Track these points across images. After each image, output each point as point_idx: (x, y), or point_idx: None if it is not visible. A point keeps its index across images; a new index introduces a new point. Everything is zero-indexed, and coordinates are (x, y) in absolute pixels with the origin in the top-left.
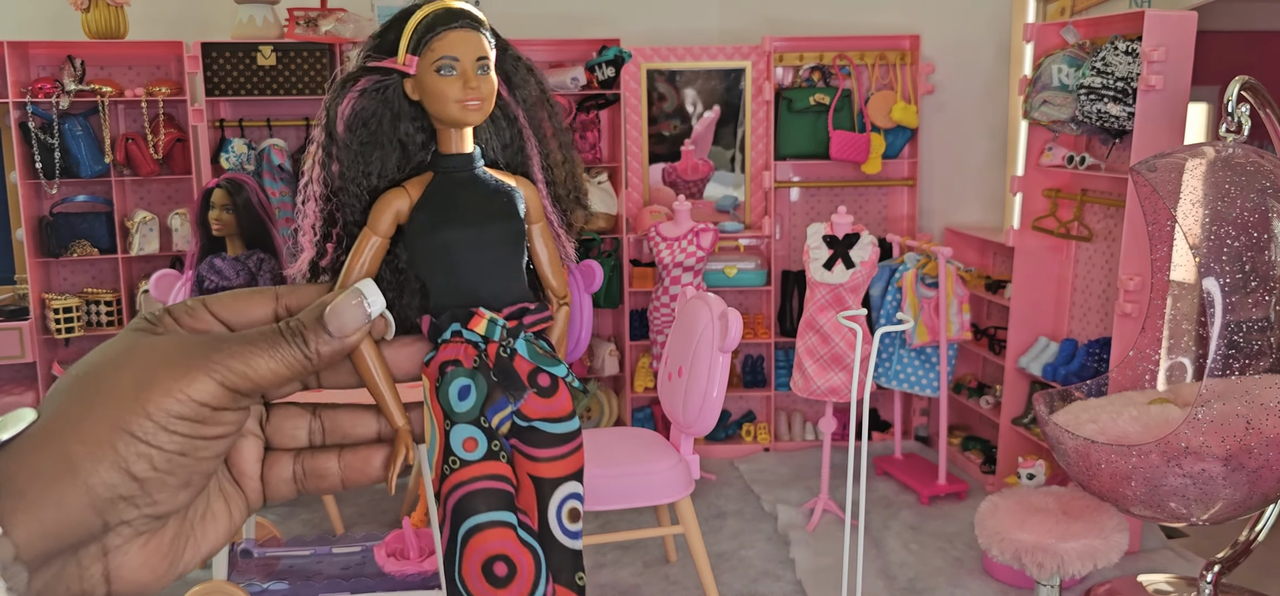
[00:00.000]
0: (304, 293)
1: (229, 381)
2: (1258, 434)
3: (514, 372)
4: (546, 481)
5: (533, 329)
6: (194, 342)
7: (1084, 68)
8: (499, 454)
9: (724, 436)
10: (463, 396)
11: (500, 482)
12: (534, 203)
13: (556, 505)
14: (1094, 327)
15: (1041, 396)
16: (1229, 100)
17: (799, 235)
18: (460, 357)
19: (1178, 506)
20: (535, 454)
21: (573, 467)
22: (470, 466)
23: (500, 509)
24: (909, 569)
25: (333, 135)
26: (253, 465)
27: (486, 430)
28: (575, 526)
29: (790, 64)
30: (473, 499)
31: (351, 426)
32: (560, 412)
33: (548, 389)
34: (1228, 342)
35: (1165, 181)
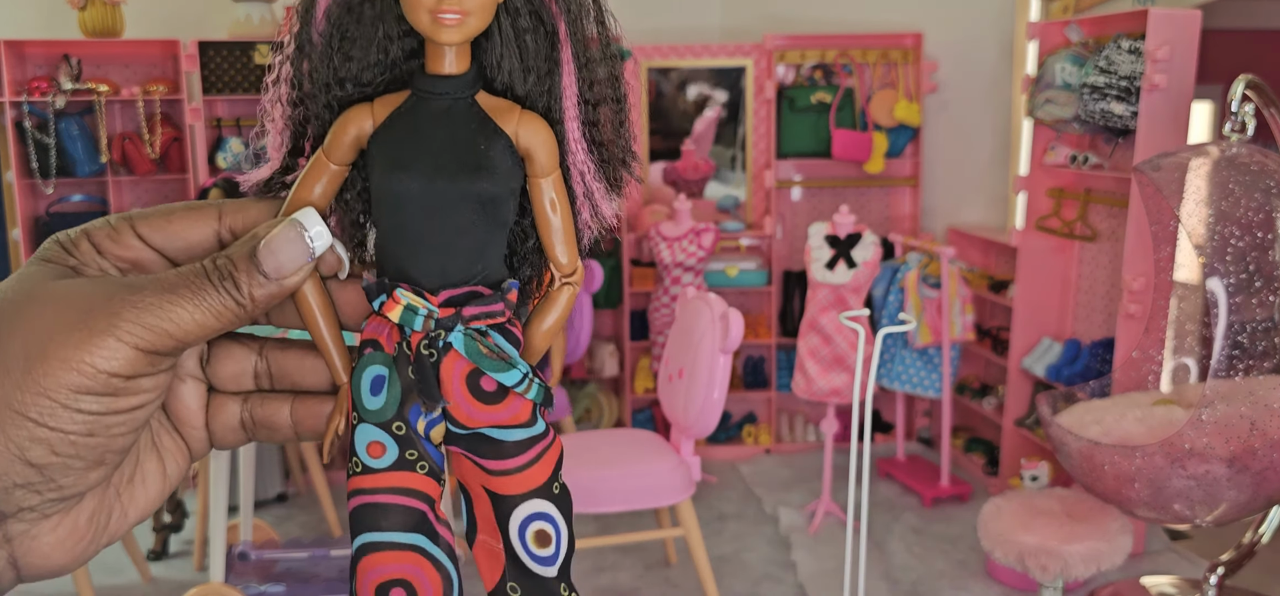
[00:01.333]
0: (252, 211)
1: (145, 342)
2: (1262, 435)
3: (430, 376)
4: (502, 498)
5: (477, 322)
6: (101, 293)
7: (1087, 66)
8: (416, 463)
9: (725, 438)
10: (375, 390)
11: (410, 499)
12: (545, 149)
13: (517, 527)
14: (1098, 328)
15: (1045, 397)
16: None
17: (801, 235)
18: (382, 340)
19: (1182, 508)
20: (485, 464)
21: (534, 482)
22: (373, 475)
23: (403, 528)
24: (912, 571)
25: (307, 26)
26: (196, 411)
27: (401, 437)
28: (545, 551)
29: (792, 62)
30: (371, 513)
31: (300, 374)
32: (510, 421)
33: (493, 395)
34: (1232, 343)
35: (1169, 181)
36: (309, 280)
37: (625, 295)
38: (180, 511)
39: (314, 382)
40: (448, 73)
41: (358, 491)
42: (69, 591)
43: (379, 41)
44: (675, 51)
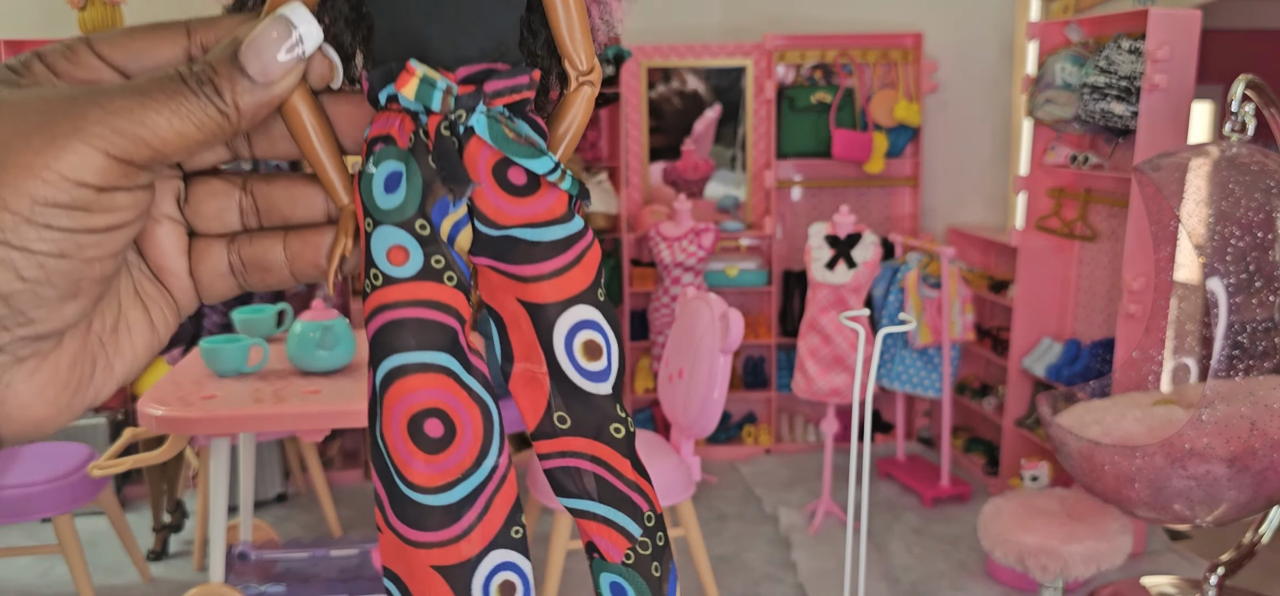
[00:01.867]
0: (225, 25)
1: (117, 148)
2: (1262, 435)
3: (457, 159)
4: (541, 308)
5: (501, 99)
6: (63, 96)
7: (1088, 66)
8: (443, 273)
9: (725, 438)
10: (390, 187)
11: (439, 313)
12: None
13: (563, 338)
14: (1098, 328)
15: (1045, 398)
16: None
17: (801, 235)
18: (394, 133)
19: (1182, 508)
20: (517, 271)
21: (577, 286)
22: (397, 286)
23: (435, 348)
24: (912, 572)
25: None
26: (176, 258)
27: (425, 238)
28: (596, 365)
29: (792, 62)
30: (398, 331)
31: (291, 205)
32: (546, 216)
33: (524, 188)
34: (1232, 343)
35: (1169, 181)
36: (299, 89)
37: (625, 295)
38: (180, 511)
39: (307, 214)
40: None
41: (379, 308)
42: (68, 591)
43: None
44: (675, 51)
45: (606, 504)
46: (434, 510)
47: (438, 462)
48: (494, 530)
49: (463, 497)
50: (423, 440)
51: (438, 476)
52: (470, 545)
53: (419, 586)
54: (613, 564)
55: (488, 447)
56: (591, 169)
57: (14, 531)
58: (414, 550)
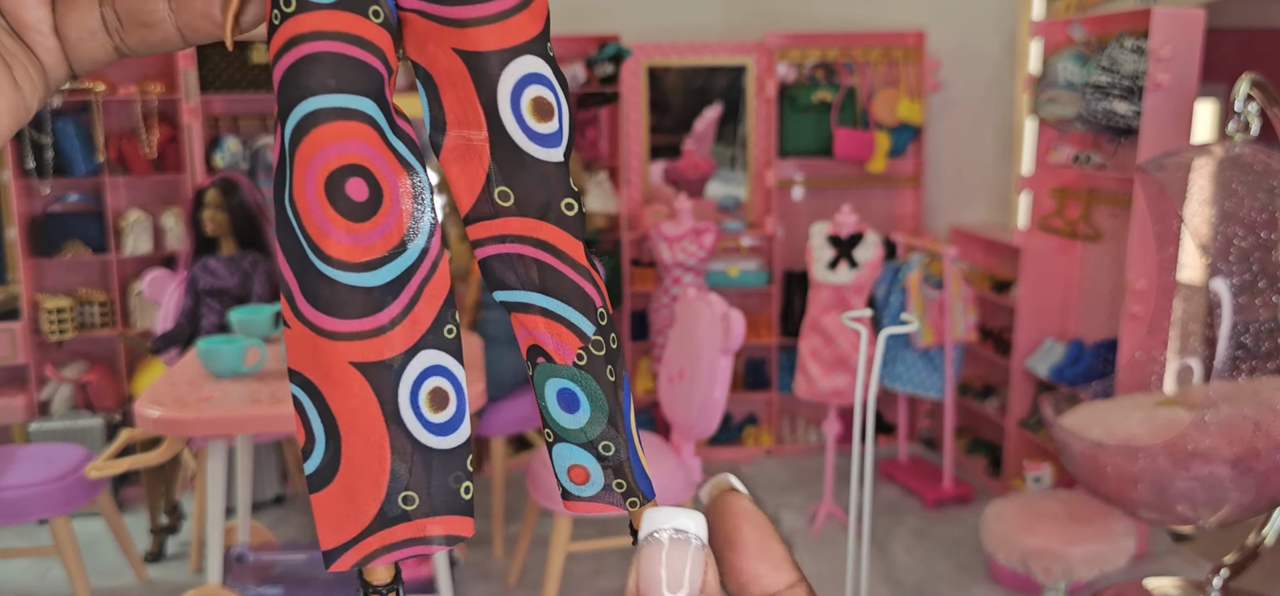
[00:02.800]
0: None
1: None
2: (1266, 436)
3: None
4: (481, 58)
5: None
6: None
7: (1090, 65)
8: (367, 5)
9: (726, 439)
10: None
11: (362, 50)
12: None
13: (508, 93)
14: (1101, 329)
15: (1048, 399)
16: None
17: (802, 235)
18: None
19: (1185, 510)
20: (452, 14)
21: (525, 33)
22: (313, 13)
23: (358, 91)
24: (914, 574)
25: None
26: (36, 9)
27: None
28: (547, 126)
29: (793, 61)
30: (314, 68)
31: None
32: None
33: None
34: (1236, 344)
35: (1173, 180)
36: None
37: (625, 295)
38: (177, 513)
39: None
40: None
41: (291, 41)
42: (65, 593)
43: None
44: (675, 50)
45: (554, 296)
46: (354, 292)
47: (360, 233)
48: (424, 325)
49: (388, 281)
50: (343, 202)
51: (359, 251)
52: (397, 340)
53: (334, 388)
54: (563, 366)
55: (418, 222)
56: (591, 168)
57: (11, 533)
58: (329, 343)
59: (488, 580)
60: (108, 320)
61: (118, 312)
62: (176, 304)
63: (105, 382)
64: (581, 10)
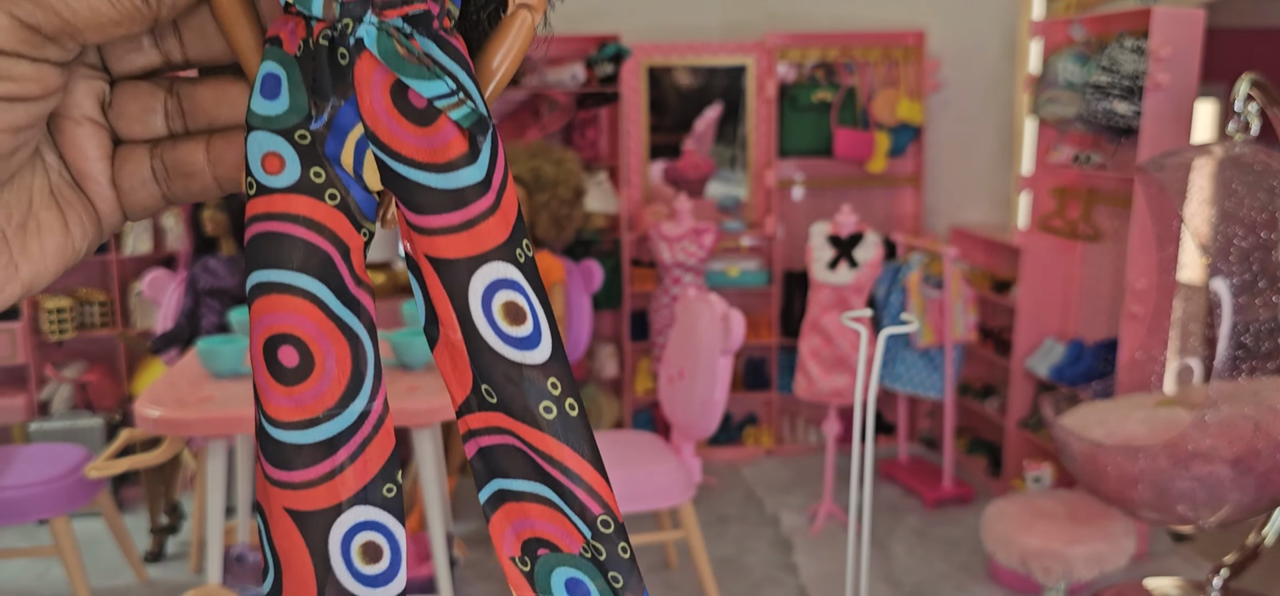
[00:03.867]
0: None
1: (24, 13)
2: (1266, 436)
3: (325, 72)
4: (448, 265)
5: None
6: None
7: (1091, 65)
8: (324, 190)
9: (726, 439)
10: (267, 91)
11: (310, 231)
12: None
13: (479, 299)
14: (1101, 329)
15: (1048, 399)
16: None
17: (802, 235)
18: (284, 36)
19: (1186, 510)
20: (419, 222)
21: (491, 240)
22: (270, 196)
23: (300, 269)
24: (914, 574)
25: None
26: (98, 162)
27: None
28: (520, 329)
29: (793, 61)
30: (266, 244)
31: (216, 105)
32: (440, 158)
33: (423, 114)
34: (1236, 344)
35: (1173, 180)
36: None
37: (625, 295)
38: (177, 513)
39: (232, 115)
40: None
41: (253, 218)
42: (65, 593)
43: None
44: (675, 50)
45: (552, 489)
46: (287, 447)
47: (293, 395)
48: (360, 482)
49: (323, 440)
50: (276, 367)
51: (294, 411)
52: (329, 493)
53: (275, 525)
54: (569, 555)
55: (357, 388)
56: (591, 168)
57: (10, 533)
58: (272, 488)
59: (488, 580)
60: (108, 320)
61: (118, 312)
62: (176, 304)
63: (105, 382)
64: (581, 10)
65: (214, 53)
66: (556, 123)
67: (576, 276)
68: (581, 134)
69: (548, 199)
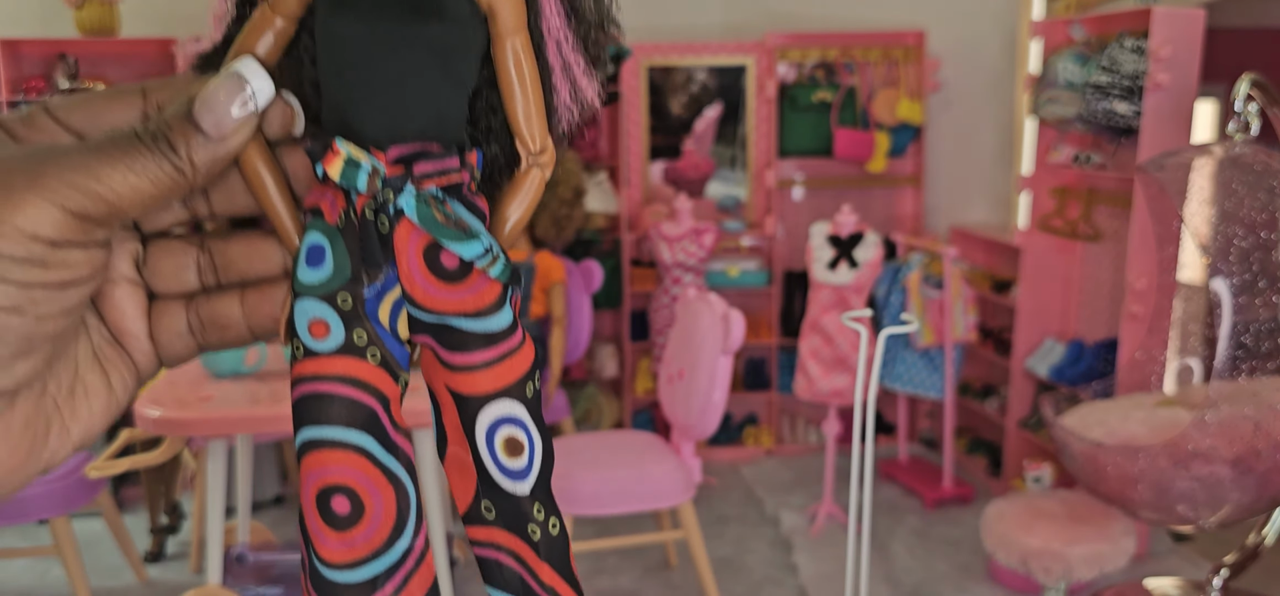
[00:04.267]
0: (175, 85)
1: (73, 204)
2: (1266, 436)
3: (374, 240)
4: (466, 399)
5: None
6: (16, 155)
7: (1091, 65)
8: (366, 349)
9: (726, 439)
10: (312, 261)
11: (358, 392)
12: (511, 6)
13: (484, 431)
14: (1101, 329)
15: (1048, 399)
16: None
17: (802, 235)
18: (324, 207)
19: (1186, 510)
20: (449, 359)
21: (503, 380)
22: (316, 359)
23: (348, 424)
24: (914, 574)
25: None
26: (136, 320)
27: (347, 313)
28: (515, 462)
29: (793, 61)
30: (314, 404)
31: (248, 260)
32: (476, 307)
33: (455, 272)
34: (1236, 344)
35: (1173, 180)
36: (254, 142)
37: (625, 295)
38: (177, 513)
39: (264, 269)
40: None
41: (299, 379)
42: (65, 593)
43: None
44: (676, 50)
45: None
46: (340, 586)
47: (345, 539)
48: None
49: (372, 577)
50: (330, 516)
51: (346, 553)
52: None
53: None
54: None
55: (401, 529)
56: (591, 168)
57: (10, 533)
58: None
59: None
60: None
61: None
62: None
63: None
64: None
65: (239, 207)
66: None
67: (576, 276)
68: (582, 134)
69: (548, 199)
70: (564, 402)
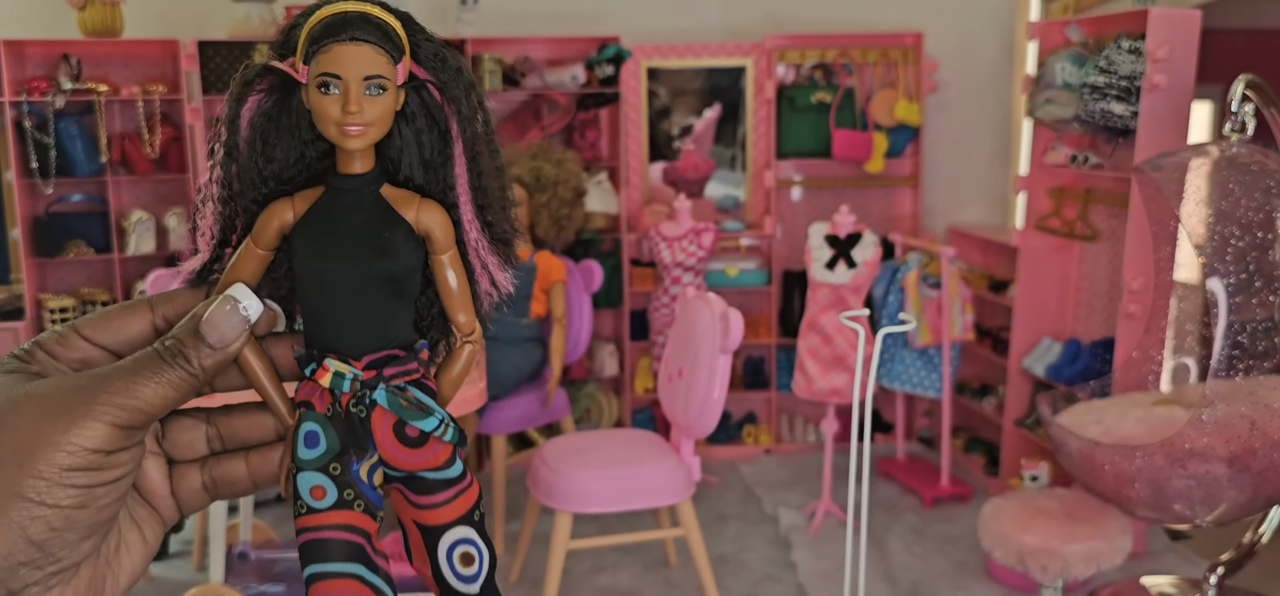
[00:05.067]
0: (180, 300)
1: (119, 419)
2: (1262, 435)
3: (360, 430)
4: (431, 528)
5: (399, 378)
6: (74, 385)
7: (1088, 66)
8: (353, 502)
9: (725, 438)
10: (310, 443)
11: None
12: (441, 230)
13: (445, 551)
14: (1098, 328)
15: (1045, 398)
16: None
17: (801, 235)
18: (314, 401)
19: (1182, 508)
20: (417, 500)
21: (458, 511)
22: (318, 514)
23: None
24: (912, 572)
25: (234, 134)
26: (161, 483)
27: (338, 477)
28: (469, 571)
29: (792, 62)
30: (319, 546)
31: (248, 431)
32: (435, 463)
33: (416, 439)
34: (1232, 343)
35: (1169, 181)
36: (248, 343)
37: (625, 295)
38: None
39: (261, 436)
40: (355, 171)
41: (303, 529)
42: None
43: (296, 145)
44: (675, 51)
45: None
46: None
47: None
48: None
49: None
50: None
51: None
52: None
53: None
54: None
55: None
56: (591, 169)
57: None
58: None
59: None
60: None
61: None
62: None
63: None
64: (582, 13)
65: (234, 385)
66: (557, 124)
67: (577, 276)
68: (582, 135)
69: (548, 199)
70: (564, 401)
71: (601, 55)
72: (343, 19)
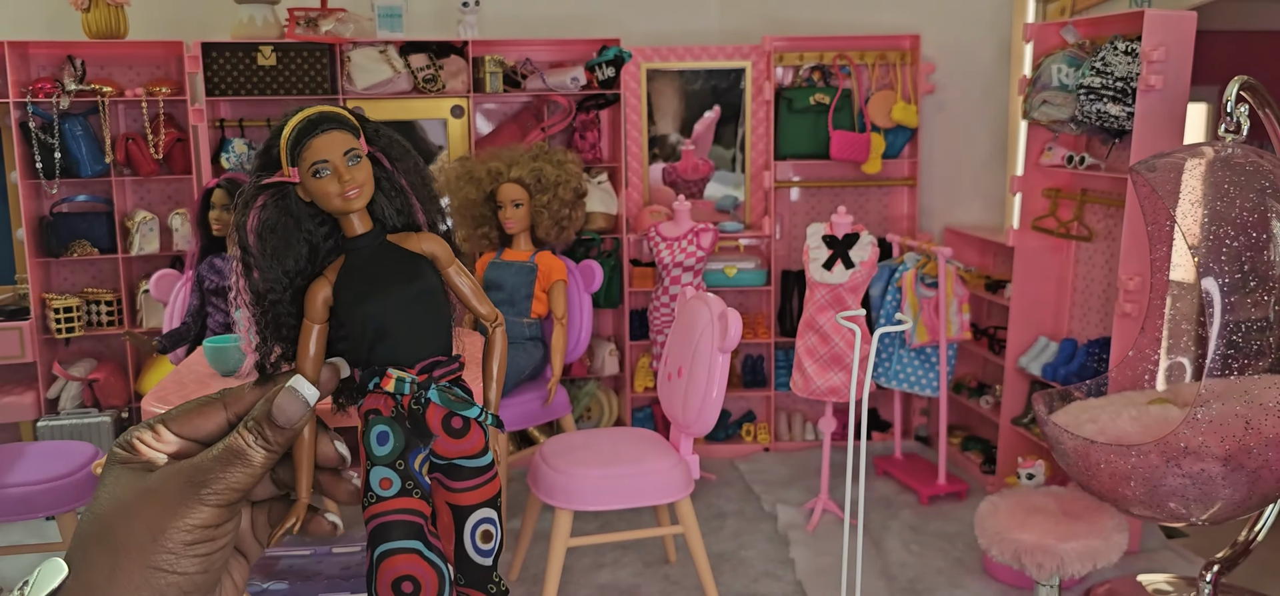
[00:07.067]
0: (245, 397)
1: (223, 500)
2: (1257, 434)
3: (422, 422)
4: (462, 509)
5: (446, 378)
6: (185, 479)
7: (1084, 67)
8: (412, 491)
9: (724, 436)
10: (381, 442)
11: (411, 516)
12: (442, 251)
13: (471, 528)
14: (1094, 327)
15: (1041, 396)
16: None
17: (799, 235)
18: (380, 407)
19: (1177, 506)
20: (453, 486)
21: (486, 495)
22: (385, 501)
23: (409, 537)
24: (909, 569)
25: (247, 249)
26: (247, 531)
27: (401, 471)
28: (487, 545)
29: (790, 64)
30: (386, 528)
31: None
32: (473, 450)
33: (460, 430)
34: (1227, 343)
35: (1165, 181)
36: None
37: (625, 295)
38: None
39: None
40: (361, 231)
41: (373, 516)
42: None
43: (303, 238)
44: (674, 53)
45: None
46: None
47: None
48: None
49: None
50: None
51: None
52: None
53: None
54: None
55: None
56: (592, 170)
57: (17, 529)
58: None
59: None
60: (114, 319)
61: (125, 312)
62: (183, 303)
63: (113, 380)
64: (583, 15)
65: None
66: (557, 125)
67: (577, 276)
68: (582, 136)
69: (549, 200)
70: (565, 400)
71: (602, 57)
72: (311, 120)
